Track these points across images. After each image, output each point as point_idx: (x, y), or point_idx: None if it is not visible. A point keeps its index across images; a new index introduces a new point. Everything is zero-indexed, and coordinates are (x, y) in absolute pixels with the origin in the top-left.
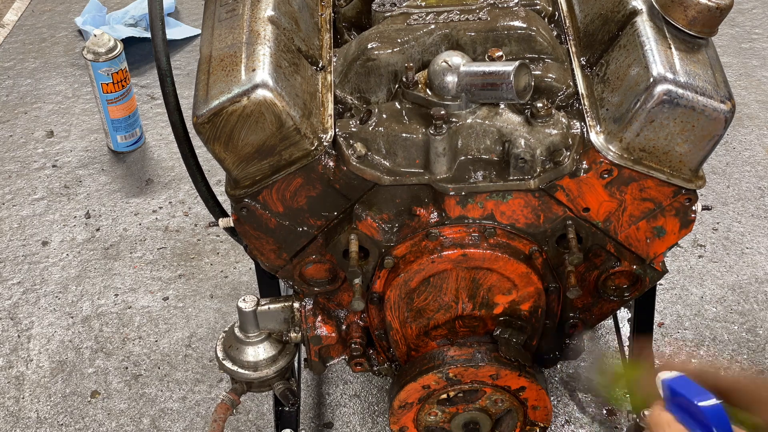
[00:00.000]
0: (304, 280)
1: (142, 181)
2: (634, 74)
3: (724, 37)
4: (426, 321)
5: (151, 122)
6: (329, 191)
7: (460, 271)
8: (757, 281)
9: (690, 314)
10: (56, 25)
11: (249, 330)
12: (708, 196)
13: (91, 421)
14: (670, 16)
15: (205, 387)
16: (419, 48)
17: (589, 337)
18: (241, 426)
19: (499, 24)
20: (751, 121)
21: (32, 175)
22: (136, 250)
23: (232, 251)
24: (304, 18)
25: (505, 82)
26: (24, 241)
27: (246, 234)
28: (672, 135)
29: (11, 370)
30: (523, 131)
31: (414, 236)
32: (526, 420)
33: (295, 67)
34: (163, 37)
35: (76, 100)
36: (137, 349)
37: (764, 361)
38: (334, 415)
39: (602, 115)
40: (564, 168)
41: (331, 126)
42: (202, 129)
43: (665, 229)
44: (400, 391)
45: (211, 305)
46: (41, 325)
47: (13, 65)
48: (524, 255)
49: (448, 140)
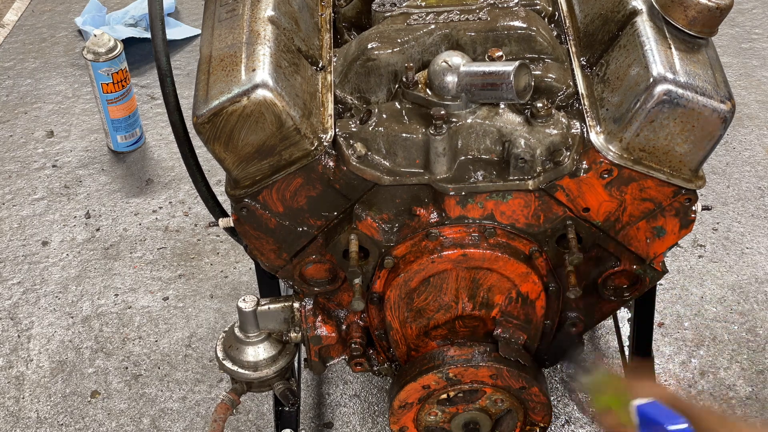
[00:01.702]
0: (304, 280)
1: (142, 181)
2: (634, 74)
3: (724, 37)
4: (426, 321)
5: (151, 122)
6: (329, 191)
7: (460, 271)
8: (757, 281)
9: (690, 314)
10: (56, 25)
11: (249, 330)
12: (708, 196)
13: (91, 421)
14: (670, 16)
15: (205, 387)
16: (419, 48)
17: (589, 337)
18: (241, 426)
19: (499, 24)
20: (751, 121)
21: (32, 175)
22: (136, 250)
23: (232, 251)
24: (304, 18)
25: (505, 82)
26: (24, 241)
27: (246, 234)
28: (672, 135)
29: (11, 370)
30: (523, 131)
31: (414, 236)
32: (526, 420)
33: (295, 67)
34: (163, 37)
35: (76, 100)
36: (137, 349)
37: (764, 361)
38: (334, 415)
39: (602, 115)
40: (564, 168)
41: (331, 126)
42: (202, 129)
43: (665, 229)
44: (400, 391)
45: (211, 305)
46: (41, 325)
47: (13, 65)
48: (524, 255)
49: (448, 140)
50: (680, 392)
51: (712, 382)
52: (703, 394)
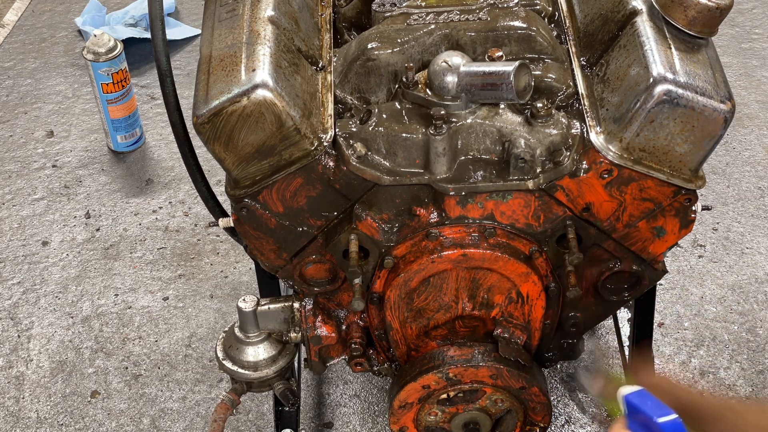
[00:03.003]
0: (304, 280)
1: (142, 181)
2: (634, 74)
3: (724, 37)
4: (426, 321)
5: (151, 122)
6: (329, 191)
7: (460, 271)
8: (757, 281)
9: (690, 314)
10: (56, 25)
11: (249, 330)
12: (708, 196)
13: (91, 421)
14: (670, 16)
15: (205, 387)
16: (419, 48)
17: (589, 336)
18: (241, 426)
19: (499, 24)
20: (751, 121)
21: (32, 175)
22: (136, 250)
23: (232, 251)
24: (304, 18)
25: (505, 82)
26: (24, 241)
27: (246, 234)
28: (672, 135)
29: (11, 370)
30: (523, 131)
31: (414, 236)
32: (526, 420)
33: (295, 67)
34: (163, 37)
35: (76, 100)
36: (137, 349)
37: (764, 361)
38: (334, 415)
39: (602, 115)
40: (564, 168)
41: (331, 126)
42: (202, 129)
43: (665, 229)
44: (400, 391)
45: (211, 305)
46: (41, 325)
47: (13, 65)
48: (524, 255)
49: (448, 140)
50: (678, 379)
51: (712, 382)
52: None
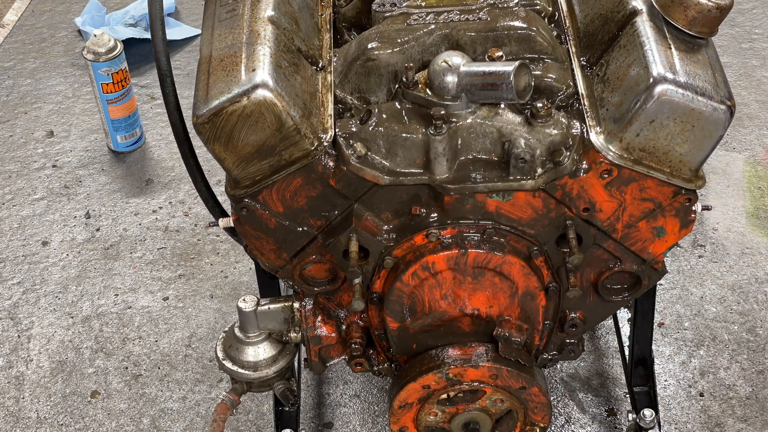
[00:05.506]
0: (304, 280)
1: (142, 181)
2: (634, 74)
3: (724, 37)
4: (426, 321)
5: (151, 122)
6: (329, 191)
7: (459, 272)
8: (757, 281)
9: (690, 314)
10: (56, 25)
11: (249, 330)
12: (708, 196)
13: (91, 421)
14: (670, 16)
15: (205, 387)
16: (419, 48)
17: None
18: (241, 426)
19: (499, 24)
20: (751, 121)
21: (32, 175)
22: (136, 250)
23: (232, 251)
24: (304, 18)
25: (505, 82)
26: (24, 241)
27: (246, 234)
28: (672, 135)
29: (11, 370)
30: (523, 131)
31: (414, 236)
32: (526, 420)
33: (295, 67)
34: (163, 37)
35: (76, 100)
36: (137, 349)
37: (764, 361)
38: (334, 415)
39: (602, 115)
40: (564, 168)
41: (331, 126)
42: (202, 129)
43: (665, 229)
44: (400, 391)
45: (211, 305)
46: (41, 325)
47: (13, 65)
48: (524, 255)
49: (448, 140)
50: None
51: (712, 382)
52: (704, 395)
